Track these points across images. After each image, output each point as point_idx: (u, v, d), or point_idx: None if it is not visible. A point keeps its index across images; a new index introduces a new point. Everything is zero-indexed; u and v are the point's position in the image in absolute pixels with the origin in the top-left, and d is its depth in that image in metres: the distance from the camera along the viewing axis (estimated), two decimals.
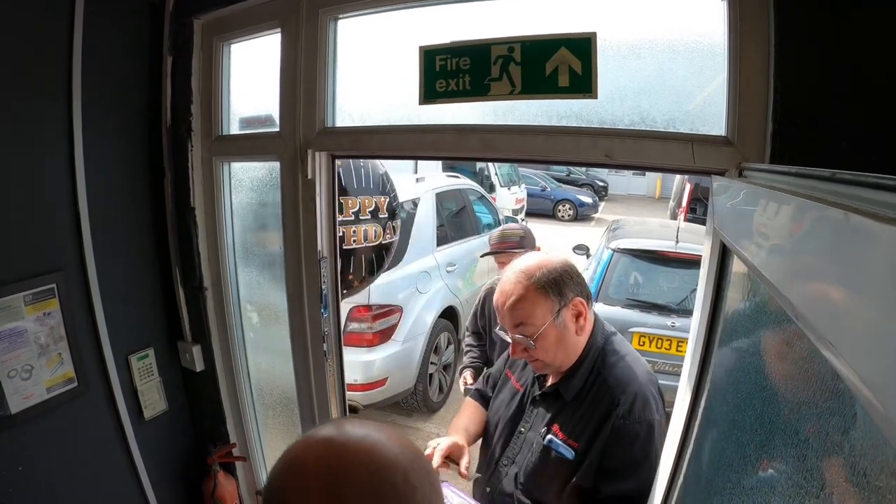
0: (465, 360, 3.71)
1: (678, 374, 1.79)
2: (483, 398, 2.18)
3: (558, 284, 1.70)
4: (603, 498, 1.68)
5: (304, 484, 0.72)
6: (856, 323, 0.48)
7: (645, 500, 1.67)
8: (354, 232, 3.28)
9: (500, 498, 1.88)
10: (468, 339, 3.77)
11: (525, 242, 3.20)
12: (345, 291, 3.59)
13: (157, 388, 2.63)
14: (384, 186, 3.48)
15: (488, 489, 1.93)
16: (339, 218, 3.01)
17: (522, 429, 1.87)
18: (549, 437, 1.75)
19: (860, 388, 0.45)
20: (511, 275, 1.76)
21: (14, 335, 2.03)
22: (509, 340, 1.77)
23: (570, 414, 1.75)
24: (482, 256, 3.42)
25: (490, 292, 3.41)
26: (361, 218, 3.30)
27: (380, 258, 3.52)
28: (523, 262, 1.79)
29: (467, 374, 3.49)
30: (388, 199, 3.48)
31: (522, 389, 1.94)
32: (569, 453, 1.71)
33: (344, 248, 3.20)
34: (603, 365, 1.75)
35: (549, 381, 1.85)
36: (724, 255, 1.47)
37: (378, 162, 3.41)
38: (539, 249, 3.19)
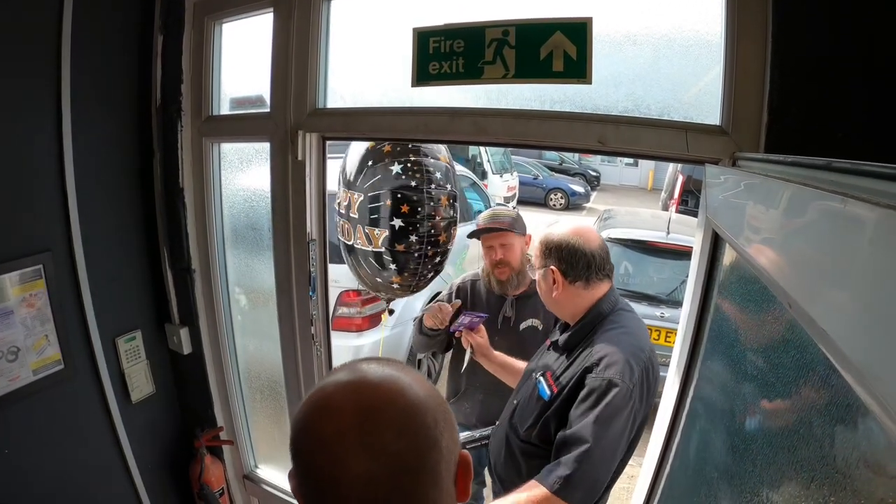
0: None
1: (667, 365, 1.81)
2: None
3: (549, 249, 2.02)
4: (556, 443, 1.82)
5: (340, 424, 0.73)
6: (851, 311, 0.47)
7: (598, 462, 1.70)
8: None
9: (499, 430, 2.19)
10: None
11: (516, 225, 2.79)
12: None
13: (145, 370, 2.61)
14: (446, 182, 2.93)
15: (497, 422, 2.25)
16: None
17: (533, 374, 2.12)
18: (540, 377, 2.02)
19: (855, 377, 0.45)
20: (556, 225, 2.10)
21: (0, 316, 2.00)
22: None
23: (562, 363, 1.99)
24: (469, 236, 2.98)
25: (467, 285, 3.00)
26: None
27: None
28: (567, 224, 2.12)
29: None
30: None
31: (550, 343, 2.20)
32: (545, 394, 1.95)
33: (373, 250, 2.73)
34: (600, 328, 1.95)
35: (560, 334, 2.11)
36: (716, 245, 1.47)
37: (443, 153, 2.89)
38: (530, 238, 2.95)
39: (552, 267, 2.00)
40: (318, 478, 0.74)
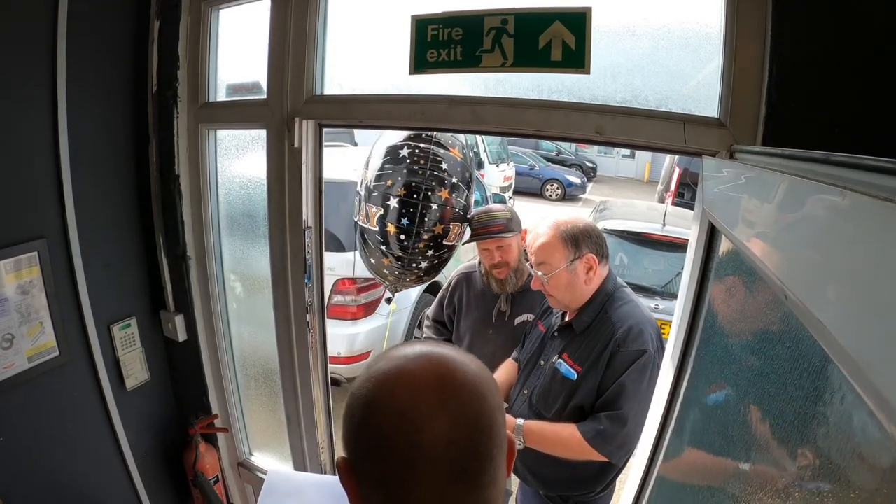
0: None
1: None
2: None
3: (577, 239, 2.04)
4: (595, 413, 2.00)
5: (419, 390, 0.74)
6: (848, 303, 0.47)
7: (632, 422, 1.93)
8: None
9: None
10: (427, 332, 3.11)
11: (512, 225, 2.66)
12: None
13: (139, 357, 2.61)
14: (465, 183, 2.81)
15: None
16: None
17: (542, 362, 2.23)
18: (559, 361, 2.11)
19: (851, 368, 0.45)
20: (546, 222, 2.14)
21: None
22: (533, 274, 2.18)
23: (578, 344, 2.09)
24: (463, 244, 2.81)
25: (462, 278, 2.94)
26: None
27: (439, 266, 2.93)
28: (559, 215, 2.18)
29: None
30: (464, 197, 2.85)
31: (546, 331, 2.31)
32: (571, 375, 2.05)
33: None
34: (610, 306, 2.08)
35: (567, 319, 2.19)
36: (712, 237, 1.47)
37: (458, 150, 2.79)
38: (525, 232, 2.73)
39: (589, 255, 2.05)
40: (396, 448, 0.73)
